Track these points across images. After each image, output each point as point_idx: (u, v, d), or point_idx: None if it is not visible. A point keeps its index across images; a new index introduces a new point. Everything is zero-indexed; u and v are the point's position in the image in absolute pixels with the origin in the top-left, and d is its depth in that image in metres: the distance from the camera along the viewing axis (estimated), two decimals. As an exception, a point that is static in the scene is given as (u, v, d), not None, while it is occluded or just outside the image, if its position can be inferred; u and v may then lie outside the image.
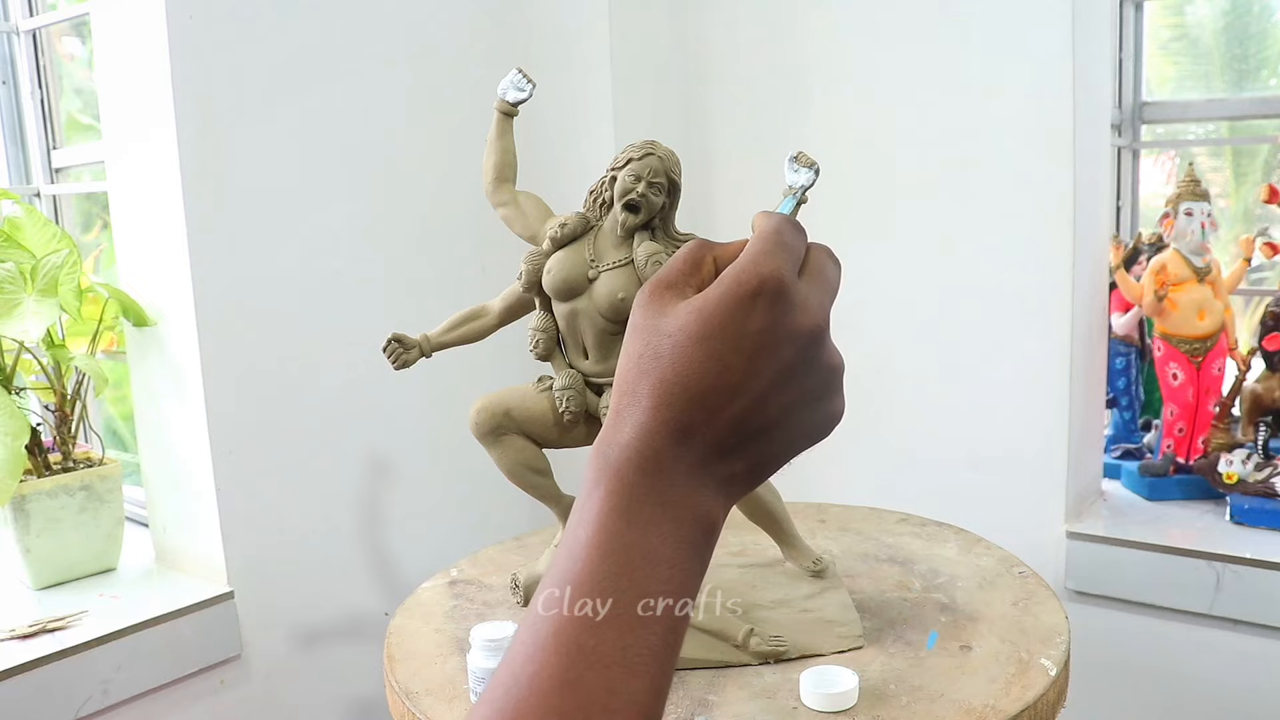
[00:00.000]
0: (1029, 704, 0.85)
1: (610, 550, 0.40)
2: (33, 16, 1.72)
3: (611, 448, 0.42)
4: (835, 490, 1.66)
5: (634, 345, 0.43)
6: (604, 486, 0.41)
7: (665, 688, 0.40)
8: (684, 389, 0.42)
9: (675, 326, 0.42)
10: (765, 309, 0.43)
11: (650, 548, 0.40)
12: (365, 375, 1.54)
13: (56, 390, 1.46)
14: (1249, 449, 1.60)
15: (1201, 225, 1.63)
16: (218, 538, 1.42)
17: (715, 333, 0.42)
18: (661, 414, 0.42)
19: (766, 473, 0.45)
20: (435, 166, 1.67)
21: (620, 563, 0.40)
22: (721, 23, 1.82)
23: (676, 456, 0.42)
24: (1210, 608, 1.47)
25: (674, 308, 0.43)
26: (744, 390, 0.42)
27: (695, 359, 0.42)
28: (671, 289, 0.44)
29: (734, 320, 0.42)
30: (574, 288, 0.94)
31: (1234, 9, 1.97)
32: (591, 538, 0.40)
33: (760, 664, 0.94)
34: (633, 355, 0.43)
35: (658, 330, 0.43)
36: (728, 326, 0.42)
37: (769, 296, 0.43)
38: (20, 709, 1.21)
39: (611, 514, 0.40)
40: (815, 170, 0.93)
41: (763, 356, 0.42)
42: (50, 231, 1.44)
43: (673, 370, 0.42)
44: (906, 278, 1.68)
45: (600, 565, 0.40)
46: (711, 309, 0.42)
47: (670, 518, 0.41)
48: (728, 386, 0.42)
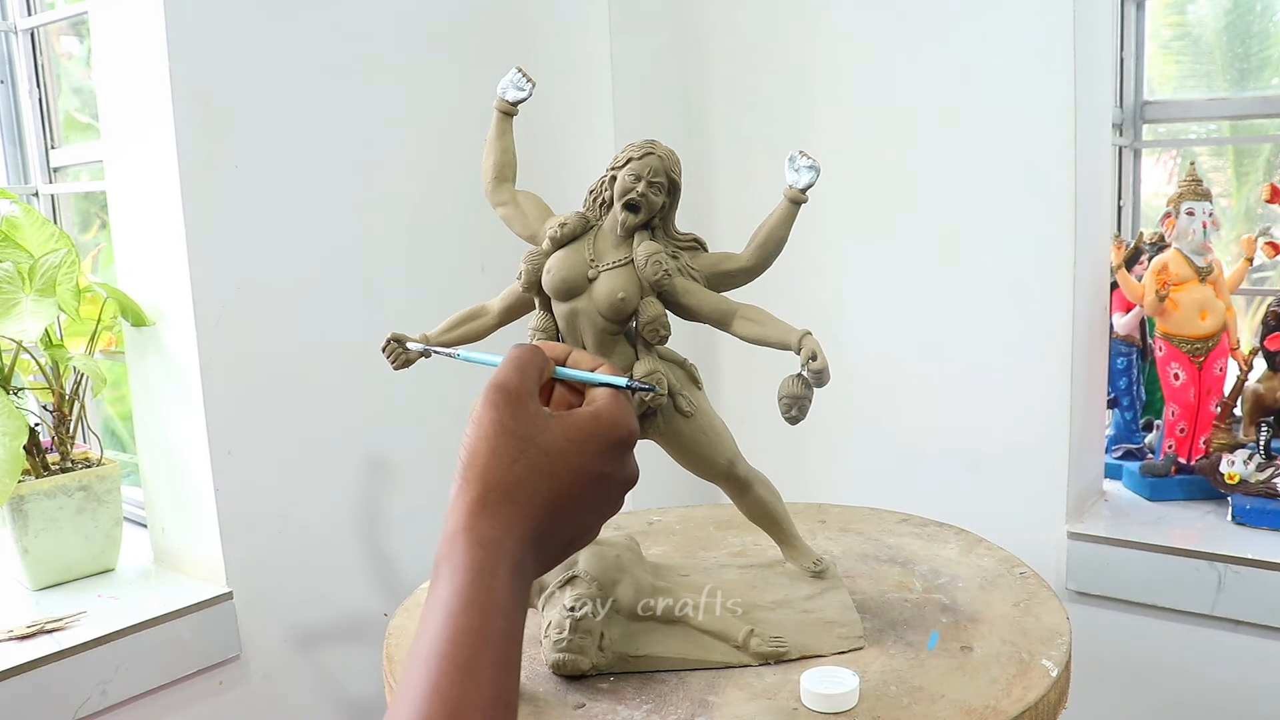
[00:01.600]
0: (1030, 705, 0.84)
1: (489, 643, 0.45)
2: (31, 15, 1.72)
3: (489, 544, 0.47)
4: (836, 491, 1.66)
5: (508, 449, 0.49)
6: (484, 580, 0.46)
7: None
8: (549, 505, 0.49)
9: (554, 447, 0.50)
10: (620, 456, 0.53)
11: (515, 643, 0.47)
12: (364, 375, 1.54)
13: (55, 390, 1.46)
14: (1250, 449, 1.59)
15: (1203, 225, 1.63)
16: (216, 538, 1.42)
17: (583, 465, 0.51)
18: (530, 523, 0.49)
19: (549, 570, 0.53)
20: (435, 166, 1.67)
21: (499, 655, 0.45)
22: (721, 23, 1.82)
23: (530, 561, 0.49)
24: (1212, 608, 1.47)
25: (544, 423, 0.50)
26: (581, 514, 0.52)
27: (564, 483, 0.50)
28: (533, 398, 0.51)
29: (599, 458, 0.51)
30: (574, 287, 0.93)
31: (1236, 8, 1.97)
32: (476, 628, 0.45)
33: (760, 665, 0.93)
34: (506, 458, 0.49)
35: (535, 443, 0.50)
36: (593, 463, 0.51)
37: (627, 447, 0.53)
38: (19, 710, 1.20)
39: (492, 609, 0.46)
40: (815, 170, 0.93)
41: (603, 491, 0.52)
42: (48, 231, 1.44)
43: (546, 486, 0.49)
44: (907, 278, 1.68)
45: (481, 655, 0.45)
46: (589, 445, 0.51)
47: (522, 615, 0.48)
48: (574, 510, 0.51)
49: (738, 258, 0.95)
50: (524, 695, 0.90)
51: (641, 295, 0.92)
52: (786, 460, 1.59)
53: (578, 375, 0.56)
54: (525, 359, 0.52)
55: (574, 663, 0.91)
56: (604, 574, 0.95)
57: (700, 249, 0.97)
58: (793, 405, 0.88)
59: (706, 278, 0.95)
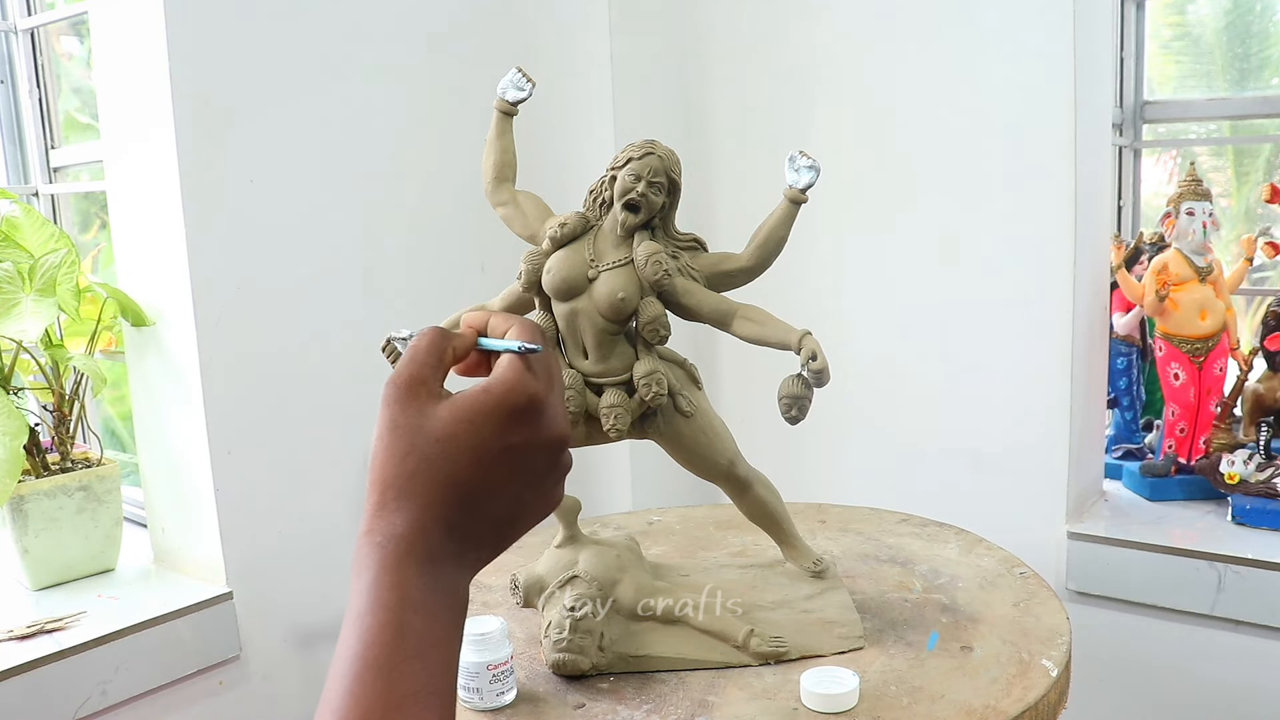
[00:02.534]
0: (1030, 705, 0.84)
1: (402, 637, 0.45)
2: (31, 15, 1.72)
3: (388, 541, 0.46)
4: (835, 491, 1.65)
5: (397, 444, 0.48)
6: (386, 578, 0.46)
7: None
8: (454, 490, 0.48)
9: (443, 432, 0.48)
10: (527, 423, 0.49)
11: (435, 634, 0.46)
12: (364, 375, 1.54)
13: (55, 390, 1.46)
14: (1250, 449, 1.59)
15: (1203, 225, 1.62)
16: (216, 538, 1.42)
17: (482, 442, 0.48)
18: (433, 511, 0.47)
19: (501, 551, 0.52)
20: (435, 166, 1.67)
21: (412, 648, 0.45)
22: (721, 23, 1.82)
23: (445, 550, 0.47)
24: (1212, 608, 1.47)
25: (433, 410, 0.48)
26: (502, 492, 0.49)
27: (463, 465, 0.48)
28: (424, 385, 0.49)
29: (499, 431, 0.48)
30: (574, 287, 0.93)
31: (1236, 8, 1.97)
32: (384, 624, 0.45)
33: (760, 665, 0.93)
34: (397, 453, 0.48)
35: (422, 432, 0.48)
36: (493, 437, 0.48)
37: (532, 412, 0.49)
38: (19, 710, 1.20)
39: (400, 605, 0.45)
40: (815, 170, 0.93)
41: (520, 462, 0.49)
42: (48, 231, 1.44)
43: (444, 473, 0.47)
44: (907, 277, 1.68)
45: (395, 650, 0.44)
46: (481, 421, 0.48)
47: (445, 605, 0.47)
48: (489, 489, 0.49)
49: (738, 258, 0.95)
50: (524, 695, 0.91)
51: (641, 295, 0.92)
52: (786, 460, 1.58)
53: (490, 345, 0.53)
54: (420, 346, 0.51)
55: (574, 663, 0.91)
56: (604, 574, 0.95)
57: (700, 249, 0.97)
58: (793, 405, 0.88)
59: (706, 278, 0.95)
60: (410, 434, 0.48)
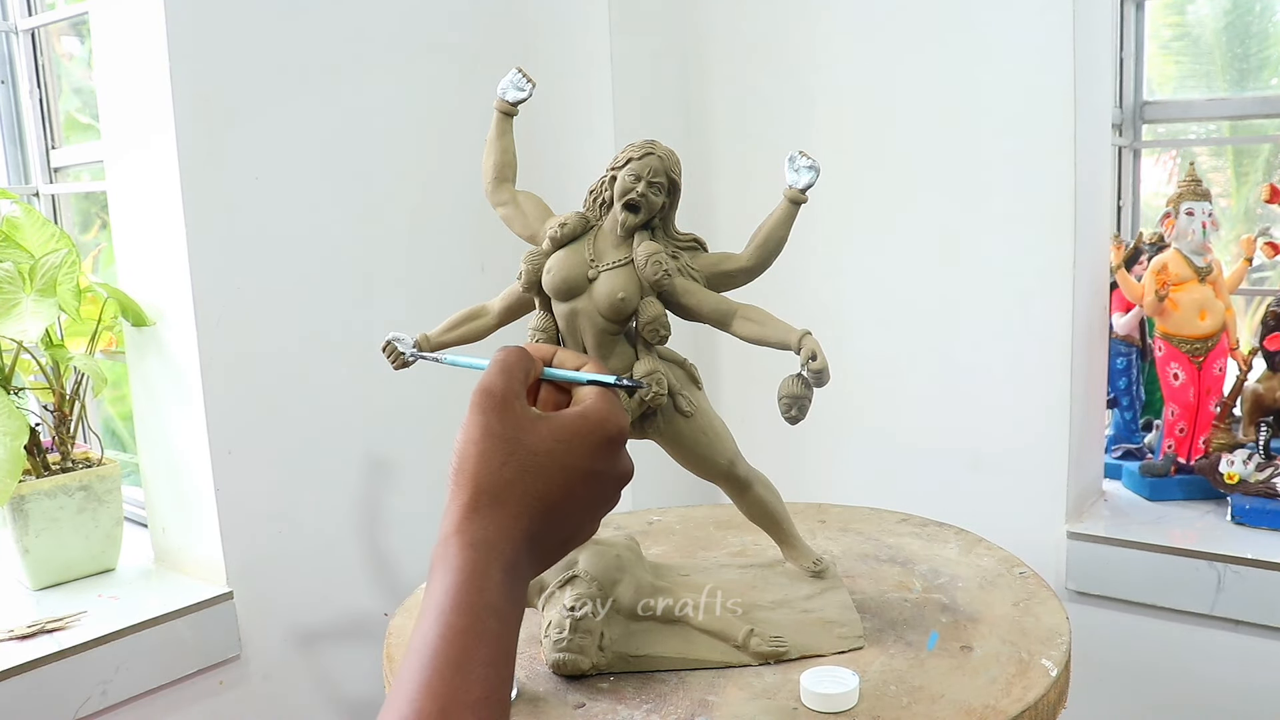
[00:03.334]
0: (1030, 705, 0.84)
1: (481, 641, 0.46)
2: (31, 15, 1.72)
3: (479, 544, 0.48)
4: (835, 491, 1.66)
5: (495, 451, 0.50)
6: (475, 581, 0.47)
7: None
8: (542, 505, 0.50)
9: (542, 448, 0.50)
10: (612, 454, 0.53)
11: (508, 642, 0.48)
12: (364, 375, 1.54)
13: (55, 390, 1.46)
14: (1250, 449, 1.59)
15: (1202, 225, 1.63)
16: (217, 538, 1.42)
17: (574, 463, 0.51)
18: (521, 523, 0.49)
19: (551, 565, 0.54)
20: (435, 166, 1.67)
21: (489, 653, 0.46)
22: (721, 23, 1.82)
23: (523, 560, 0.50)
24: (1211, 608, 1.47)
25: (531, 424, 0.51)
26: (575, 512, 0.52)
27: (556, 482, 0.50)
28: (519, 399, 0.52)
29: (590, 456, 0.52)
30: (574, 287, 0.93)
31: (1235, 8, 1.97)
32: (469, 626, 0.46)
33: (760, 664, 0.93)
34: (495, 460, 0.50)
35: (522, 444, 0.50)
36: (584, 460, 0.51)
37: (618, 444, 0.53)
38: (19, 710, 1.20)
39: (485, 609, 0.47)
40: (815, 170, 0.93)
41: (597, 488, 0.53)
42: (49, 231, 1.44)
43: (536, 487, 0.50)
44: (907, 278, 1.68)
45: (474, 654, 0.46)
46: (578, 443, 0.51)
47: (517, 614, 0.49)
48: (568, 508, 0.52)
49: (738, 258, 0.95)
50: (524, 695, 0.91)
51: (641, 295, 0.93)
52: (786, 460, 1.59)
53: (565, 375, 0.56)
54: (510, 362, 0.53)
55: (574, 663, 0.91)
56: (604, 574, 0.95)
57: (700, 249, 0.97)
58: (793, 405, 0.88)
59: (706, 278, 0.95)
60: (510, 444, 0.50)
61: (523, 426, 0.51)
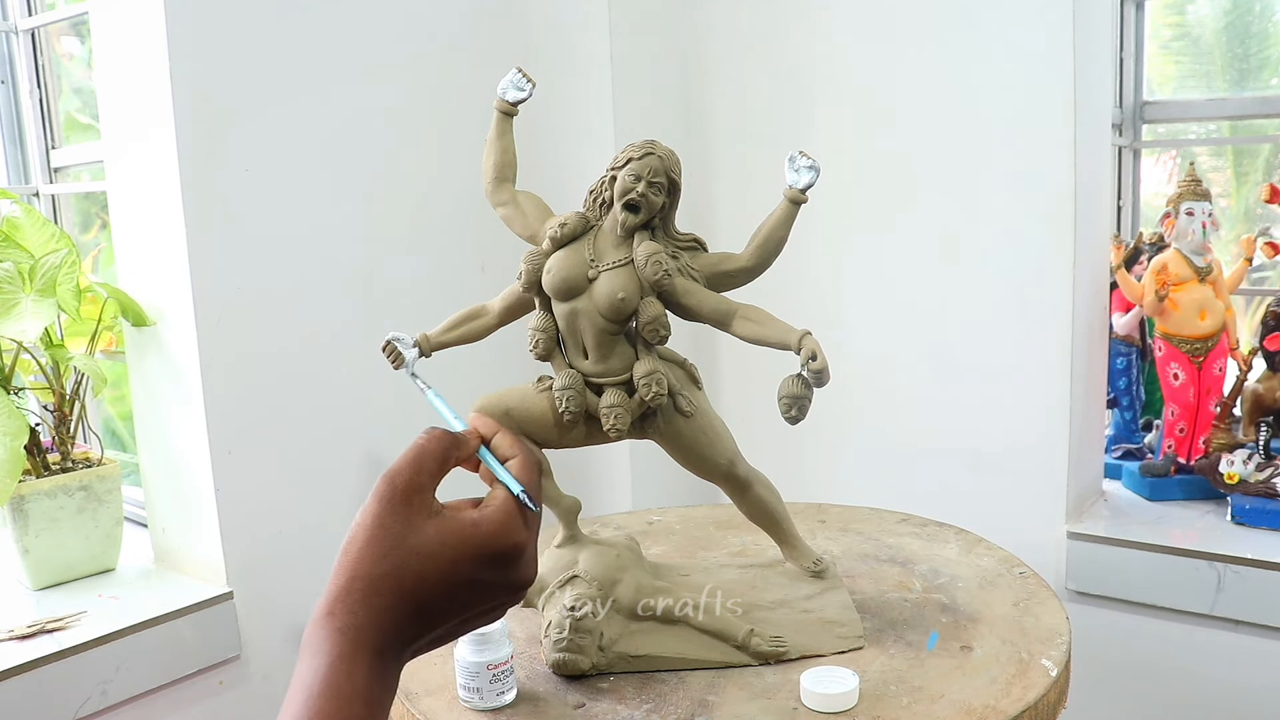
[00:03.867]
0: (1030, 705, 0.84)
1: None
2: (31, 15, 1.72)
3: (348, 629, 0.49)
4: (835, 491, 1.66)
5: (379, 544, 0.50)
6: (342, 665, 0.48)
7: None
8: (416, 604, 0.50)
9: (425, 550, 0.50)
10: (503, 565, 0.52)
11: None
12: (364, 375, 1.54)
13: (55, 390, 1.46)
14: (1250, 449, 1.59)
15: (1202, 225, 1.63)
16: (217, 538, 1.42)
17: (457, 572, 0.51)
18: (392, 614, 0.50)
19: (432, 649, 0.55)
20: (435, 166, 1.67)
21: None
22: (721, 23, 1.82)
23: (394, 648, 0.50)
24: (1211, 608, 1.47)
25: (422, 524, 0.51)
26: (456, 612, 0.52)
27: (432, 586, 0.50)
28: (420, 494, 0.52)
29: (475, 566, 0.51)
30: (574, 287, 0.93)
31: (1235, 8, 1.97)
32: (337, 710, 0.46)
33: (760, 664, 0.93)
34: (376, 552, 0.50)
35: (405, 543, 0.50)
36: (468, 569, 0.51)
37: (511, 558, 0.53)
38: (19, 710, 1.20)
39: (352, 694, 0.47)
40: (815, 170, 0.93)
41: (483, 594, 0.53)
42: (49, 231, 1.44)
43: (412, 586, 0.50)
44: (907, 278, 1.68)
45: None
46: (463, 552, 0.51)
47: (387, 697, 0.49)
48: (446, 609, 0.52)
49: (738, 258, 0.95)
50: (524, 695, 0.91)
51: (641, 295, 0.93)
52: (786, 460, 1.59)
53: (489, 463, 0.56)
54: (427, 450, 0.54)
55: (574, 663, 0.91)
56: (604, 574, 0.95)
57: (700, 249, 0.97)
58: (793, 405, 0.88)
59: (706, 278, 0.95)
60: (394, 539, 0.50)
61: (412, 524, 0.51)
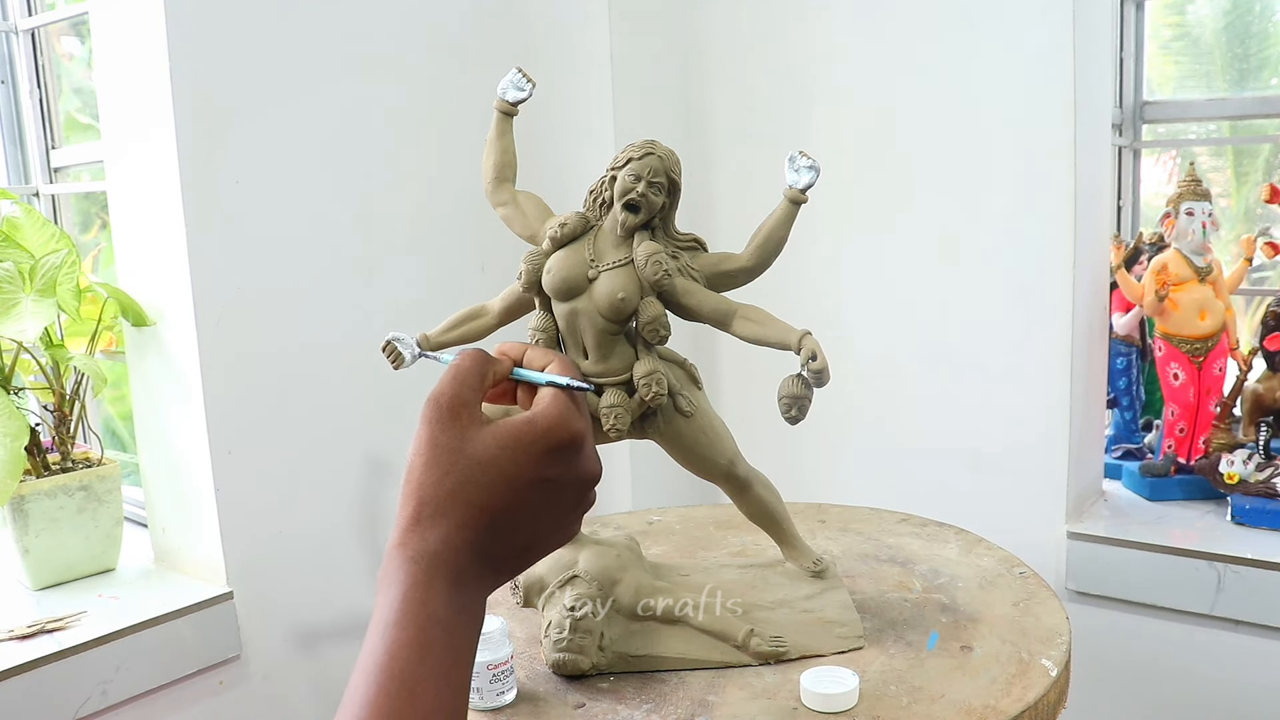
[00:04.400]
0: (1030, 705, 0.84)
1: (427, 653, 0.46)
2: (31, 16, 1.72)
3: (421, 557, 0.48)
4: (835, 491, 1.66)
5: (438, 463, 0.49)
6: (416, 593, 0.47)
7: None
8: (488, 516, 0.49)
9: (485, 457, 0.49)
10: (566, 459, 0.51)
11: (456, 652, 0.47)
12: (364, 375, 1.54)
13: (55, 390, 1.46)
14: (1250, 449, 1.59)
15: (1202, 225, 1.63)
16: (217, 538, 1.42)
17: (521, 472, 0.49)
18: (465, 533, 0.48)
19: (516, 575, 0.54)
20: (435, 166, 1.67)
21: (435, 665, 0.46)
22: (721, 23, 1.82)
23: (471, 570, 0.49)
24: (1211, 608, 1.47)
25: (476, 433, 0.50)
26: (529, 520, 0.51)
27: (499, 492, 0.49)
28: (467, 408, 0.50)
29: (538, 464, 0.50)
30: (574, 287, 0.93)
31: (1235, 8, 1.97)
32: (412, 640, 0.46)
33: (760, 664, 0.93)
34: (436, 471, 0.49)
35: (464, 454, 0.49)
36: (531, 468, 0.50)
37: (572, 449, 0.51)
38: (19, 710, 1.20)
39: (428, 621, 0.46)
40: (815, 170, 0.93)
41: (551, 495, 0.51)
42: (49, 231, 1.44)
43: (479, 497, 0.49)
44: (907, 277, 1.68)
45: (420, 666, 0.45)
46: (522, 451, 0.50)
47: (466, 624, 0.48)
48: (518, 517, 0.50)
49: (738, 258, 0.95)
50: (524, 695, 0.91)
51: (641, 295, 0.93)
52: (786, 460, 1.59)
53: (528, 376, 0.55)
54: (464, 368, 0.52)
55: (574, 663, 0.91)
56: (604, 574, 0.95)
57: (700, 249, 0.97)
58: (793, 405, 0.88)
59: (706, 278, 0.95)
60: (451, 454, 0.49)
61: (467, 436, 0.49)
